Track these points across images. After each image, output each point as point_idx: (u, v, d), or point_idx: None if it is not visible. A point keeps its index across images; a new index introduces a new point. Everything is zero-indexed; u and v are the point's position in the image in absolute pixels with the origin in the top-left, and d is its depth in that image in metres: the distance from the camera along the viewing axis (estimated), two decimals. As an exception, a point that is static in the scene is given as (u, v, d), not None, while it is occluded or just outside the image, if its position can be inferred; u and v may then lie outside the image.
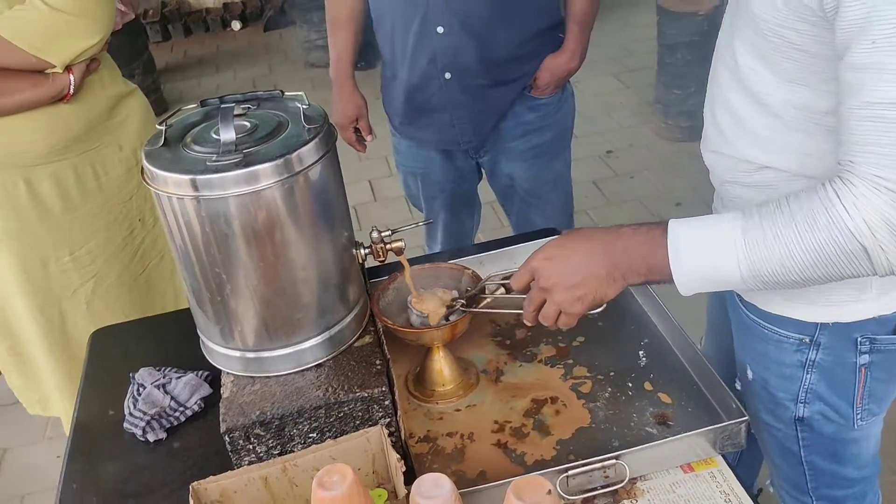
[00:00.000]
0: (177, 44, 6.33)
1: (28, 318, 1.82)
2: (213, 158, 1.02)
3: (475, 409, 1.27)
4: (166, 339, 1.51)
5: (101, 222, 1.82)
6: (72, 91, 1.65)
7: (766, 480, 1.46)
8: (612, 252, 1.01)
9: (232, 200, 1.01)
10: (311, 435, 1.11)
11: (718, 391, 1.19)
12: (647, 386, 1.26)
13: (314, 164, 1.05)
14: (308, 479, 0.95)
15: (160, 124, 1.09)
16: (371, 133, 2.14)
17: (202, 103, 1.14)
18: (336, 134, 1.13)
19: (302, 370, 1.15)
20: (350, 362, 1.16)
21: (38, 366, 1.94)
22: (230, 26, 6.52)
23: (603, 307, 1.07)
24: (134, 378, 1.38)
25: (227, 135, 1.03)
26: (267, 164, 1.01)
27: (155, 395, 1.33)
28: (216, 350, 1.17)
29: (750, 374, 1.26)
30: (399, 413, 1.14)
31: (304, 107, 1.09)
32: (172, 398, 1.32)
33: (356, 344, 1.20)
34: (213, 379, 1.36)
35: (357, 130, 2.12)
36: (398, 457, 1.03)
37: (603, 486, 1.09)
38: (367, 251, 1.21)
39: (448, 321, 1.25)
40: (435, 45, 1.82)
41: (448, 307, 1.26)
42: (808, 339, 1.15)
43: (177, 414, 1.31)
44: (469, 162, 2.11)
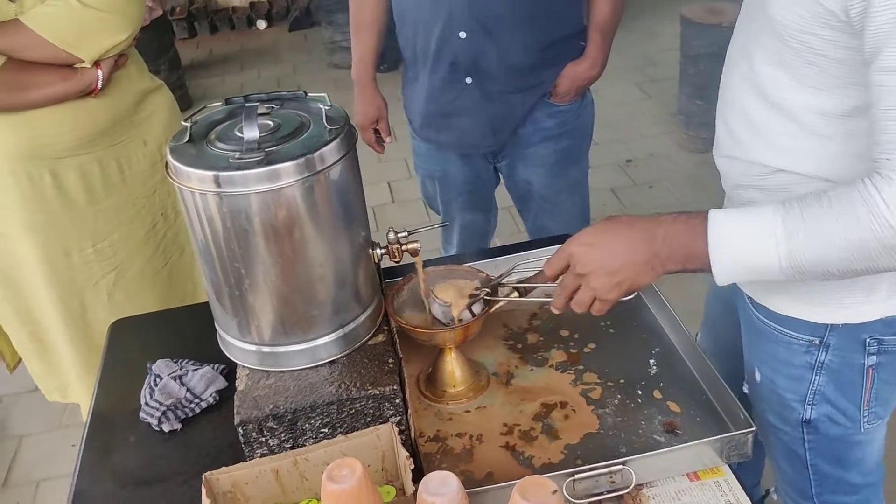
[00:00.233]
0: (203, 41, 6.39)
1: (50, 307, 1.85)
2: (236, 156, 1.04)
3: (485, 411, 1.28)
4: (184, 331, 1.54)
5: (124, 215, 1.85)
6: (100, 86, 1.68)
7: (770, 486, 1.46)
8: (653, 240, 1.02)
9: (253, 197, 1.03)
10: (322, 430, 1.13)
11: (727, 401, 1.19)
12: (657, 394, 1.27)
13: (334, 164, 1.07)
14: (318, 473, 0.96)
15: (185, 121, 1.12)
16: (390, 135, 2.16)
17: (227, 101, 1.17)
18: (356, 135, 1.15)
19: (316, 366, 1.17)
20: (363, 360, 1.18)
21: (58, 353, 1.97)
22: (256, 25, 6.57)
23: (634, 295, 1.08)
24: (151, 369, 1.40)
25: (251, 133, 1.05)
26: (288, 163, 1.03)
27: (171, 386, 1.35)
28: (232, 343, 1.19)
29: (758, 376, 1.27)
30: (409, 412, 1.15)
31: (326, 108, 1.12)
32: (188, 390, 1.35)
33: (370, 342, 1.21)
34: (228, 372, 1.38)
35: (377, 132, 2.14)
36: (407, 454, 1.04)
37: (609, 492, 1.10)
38: (383, 251, 1.23)
39: (471, 311, 1.27)
40: (457, 50, 1.84)
41: (471, 296, 1.28)
42: (817, 341, 1.16)
43: (192, 405, 1.33)
44: (487, 166, 2.13)
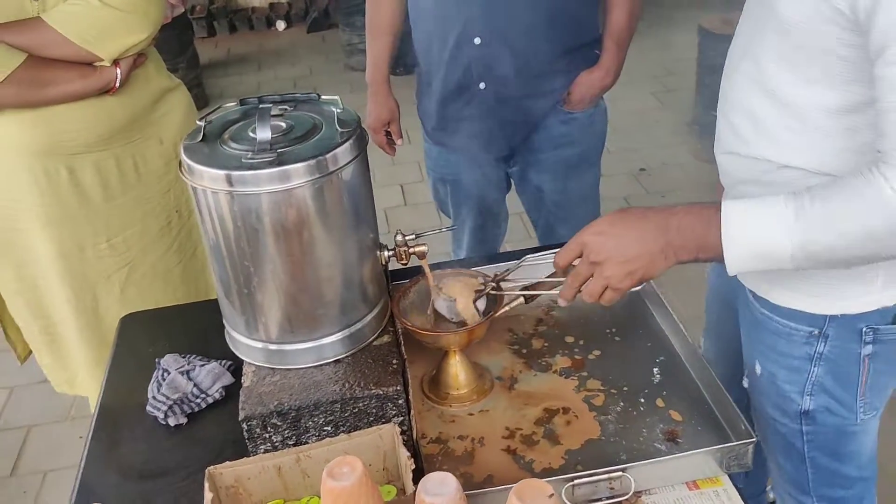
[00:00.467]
0: (221, 40, 6.43)
1: (62, 300, 1.87)
2: (249, 156, 1.06)
3: (487, 415, 1.29)
4: (193, 327, 1.55)
5: (138, 212, 1.87)
6: (118, 84, 1.70)
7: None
8: (667, 229, 1.04)
9: (264, 197, 1.05)
10: (325, 428, 1.14)
11: (729, 411, 1.20)
12: (660, 402, 1.28)
13: (345, 166, 1.09)
14: (320, 471, 0.97)
15: (200, 120, 1.13)
16: (401, 137, 2.18)
17: (241, 102, 1.19)
18: (367, 138, 1.16)
19: (321, 364, 1.18)
20: (368, 360, 1.19)
21: (68, 347, 1.99)
22: (274, 26, 6.62)
23: (643, 285, 1.10)
24: (159, 363, 1.42)
25: (264, 134, 1.07)
26: (299, 164, 1.04)
27: (178, 380, 1.37)
28: (240, 340, 1.21)
29: (758, 370, 1.29)
30: (412, 413, 1.16)
31: (338, 111, 1.13)
32: (195, 385, 1.36)
33: (375, 342, 1.23)
34: (235, 369, 1.39)
35: (388, 134, 2.16)
36: (408, 455, 1.06)
37: (608, 498, 1.11)
38: (390, 253, 1.24)
39: (476, 307, 1.28)
40: (471, 55, 1.85)
41: (477, 291, 1.28)
42: (817, 332, 1.18)
43: (198, 400, 1.35)
44: (499, 171, 2.14)
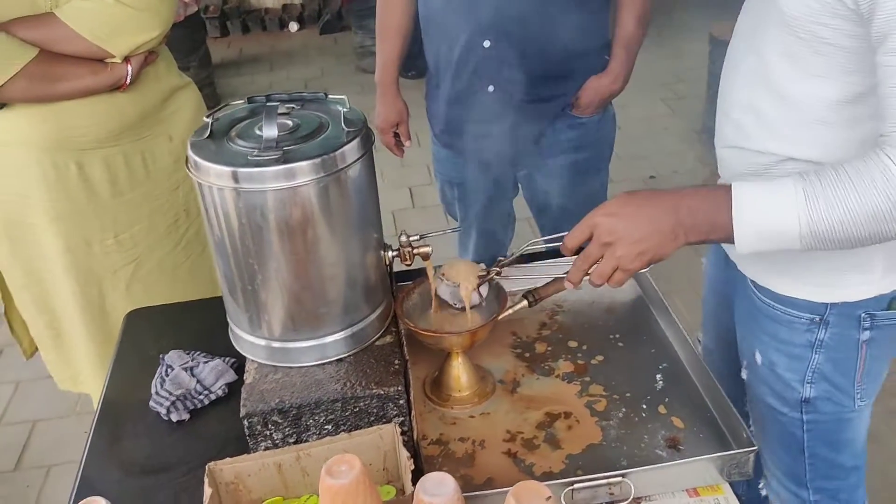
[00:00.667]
0: (234, 40, 6.47)
1: (68, 295, 1.88)
2: (255, 153, 1.06)
3: (489, 417, 1.29)
4: (198, 324, 1.55)
5: (146, 209, 1.88)
6: (128, 81, 1.71)
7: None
8: (677, 209, 1.05)
9: (269, 194, 1.05)
10: (326, 427, 1.14)
11: (731, 419, 1.19)
12: (662, 409, 1.27)
13: (350, 165, 1.09)
14: (320, 469, 0.98)
15: (207, 117, 1.14)
16: (409, 139, 2.18)
17: (249, 100, 1.19)
18: (374, 138, 1.17)
19: (323, 363, 1.18)
20: (370, 360, 1.20)
21: (73, 343, 2.00)
22: (287, 27, 6.65)
23: (649, 268, 1.11)
24: (163, 359, 1.42)
25: (270, 132, 1.07)
26: (305, 162, 1.05)
27: (182, 376, 1.37)
28: (243, 337, 1.21)
29: (759, 359, 1.30)
30: (413, 413, 1.16)
31: (344, 110, 1.14)
32: (198, 381, 1.37)
33: (377, 342, 1.23)
34: (238, 366, 1.40)
35: (397, 135, 2.17)
36: (408, 455, 1.06)
37: (607, 503, 1.10)
38: (394, 254, 1.24)
39: (479, 293, 1.28)
40: (480, 58, 1.85)
41: (480, 276, 1.28)
42: (818, 319, 1.20)
43: (201, 397, 1.35)
44: (506, 175, 2.14)
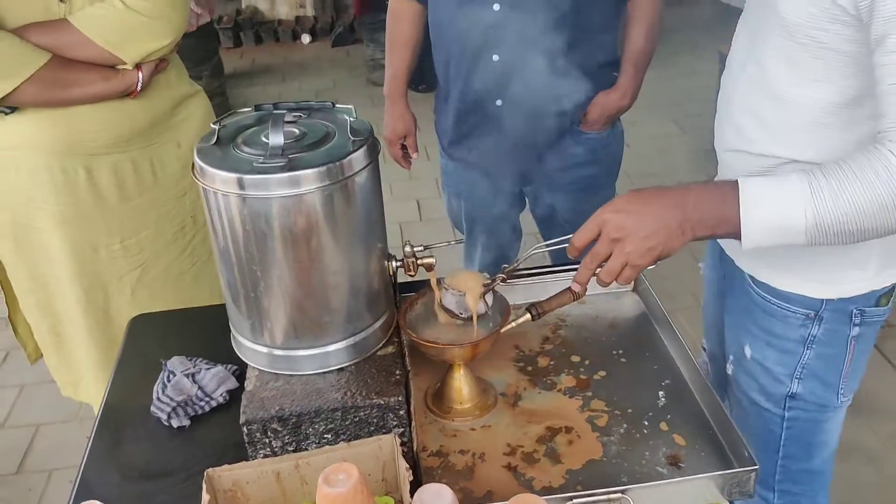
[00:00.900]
0: (247, 51, 6.52)
1: (73, 300, 1.88)
2: (261, 160, 1.07)
3: (490, 430, 1.28)
4: (201, 331, 1.55)
5: (153, 215, 1.88)
6: (139, 88, 1.72)
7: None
8: (685, 205, 1.06)
9: (274, 202, 1.05)
10: (325, 435, 1.14)
11: (733, 438, 1.18)
12: (663, 426, 1.26)
13: (355, 174, 1.09)
14: (318, 478, 0.98)
15: (214, 124, 1.14)
16: (417, 151, 2.19)
17: (256, 108, 1.20)
18: (379, 148, 1.17)
19: (324, 372, 1.18)
20: (371, 369, 1.19)
21: (75, 348, 2.00)
22: (300, 39, 6.70)
23: (656, 265, 1.12)
24: (165, 365, 1.42)
25: (276, 139, 1.08)
26: (310, 171, 1.05)
27: (183, 383, 1.37)
28: (245, 344, 1.21)
29: (749, 352, 1.31)
30: (413, 424, 1.16)
31: (351, 119, 1.14)
32: (200, 388, 1.37)
33: (379, 352, 1.23)
34: (240, 374, 1.39)
35: (404, 147, 2.18)
36: (407, 466, 1.05)
37: (606, 519, 1.10)
38: (398, 264, 1.24)
39: (485, 302, 1.29)
40: (489, 72, 1.86)
41: (485, 285, 1.28)
42: (813, 314, 1.23)
43: (202, 403, 1.35)
44: (513, 189, 2.14)
